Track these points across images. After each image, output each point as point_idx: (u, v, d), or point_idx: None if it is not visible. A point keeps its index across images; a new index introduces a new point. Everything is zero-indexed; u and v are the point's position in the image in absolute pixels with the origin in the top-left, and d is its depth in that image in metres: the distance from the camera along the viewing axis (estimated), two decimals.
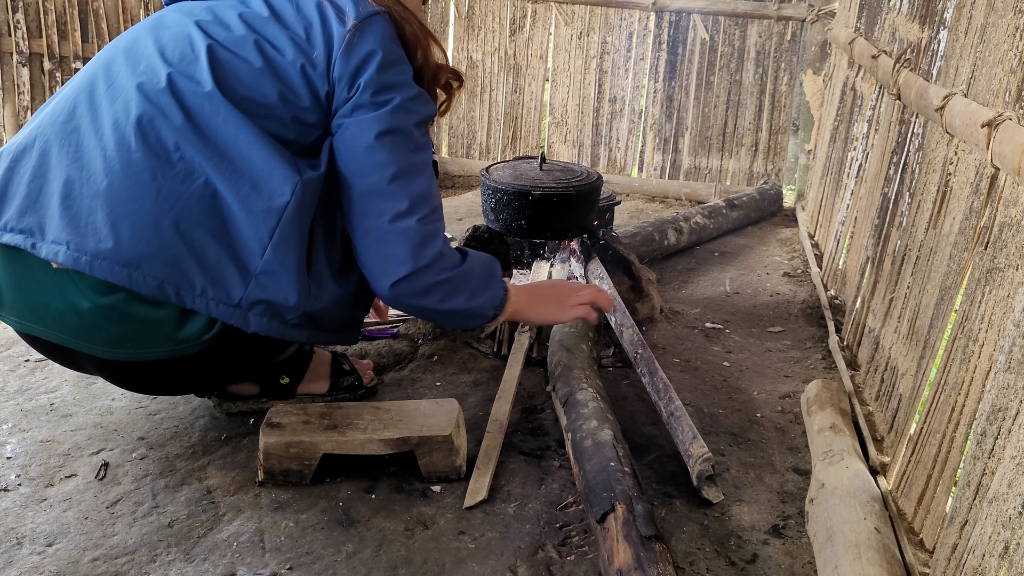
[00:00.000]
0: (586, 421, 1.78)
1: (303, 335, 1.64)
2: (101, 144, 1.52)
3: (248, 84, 1.55)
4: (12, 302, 1.59)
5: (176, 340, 1.56)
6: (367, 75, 1.57)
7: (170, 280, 1.49)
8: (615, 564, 1.39)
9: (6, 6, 3.85)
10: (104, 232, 1.48)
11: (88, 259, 1.47)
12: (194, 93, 1.52)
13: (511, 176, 2.40)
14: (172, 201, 1.49)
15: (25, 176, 1.55)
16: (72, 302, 1.52)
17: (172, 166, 1.50)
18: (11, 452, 1.78)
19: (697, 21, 3.91)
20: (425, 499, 1.69)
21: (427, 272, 1.61)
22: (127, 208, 1.49)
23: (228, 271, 1.52)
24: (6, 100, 3.95)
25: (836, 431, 1.84)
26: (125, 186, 1.49)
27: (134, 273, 1.47)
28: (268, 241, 1.52)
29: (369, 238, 1.60)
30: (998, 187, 1.45)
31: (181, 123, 1.51)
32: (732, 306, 2.79)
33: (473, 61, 4.13)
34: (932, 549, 1.50)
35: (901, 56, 2.23)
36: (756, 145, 4.01)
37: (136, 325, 1.53)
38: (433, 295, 1.64)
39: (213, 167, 1.51)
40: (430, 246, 1.61)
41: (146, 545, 1.53)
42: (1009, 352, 1.26)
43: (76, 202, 1.51)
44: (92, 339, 1.55)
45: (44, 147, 1.56)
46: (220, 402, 1.96)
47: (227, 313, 1.54)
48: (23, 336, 1.67)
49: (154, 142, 1.51)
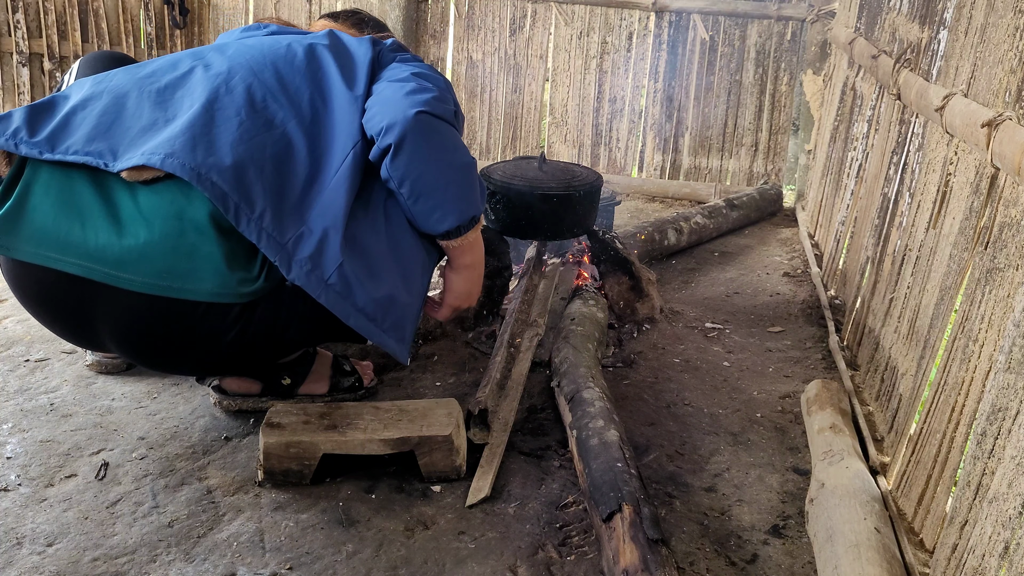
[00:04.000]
0: (592, 420, 1.78)
1: (336, 302, 1.58)
2: (190, 92, 1.66)
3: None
4: (39, 230, 1.54)
5: (218, 281, 1.54)
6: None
7: (233, 194, 1.53)
8: (621, 564, 1.39)
9: (6, 6, 3.85)
10: (180, 141, 1.56)
11: (160, 157, 1.53)
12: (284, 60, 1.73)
13: (511, 176, 2.40)
14: (250, 135, 1.61)
15: (94, 112, 1.63)
16: (120, 231, 1.53)
17: (257, 113, 1.64)
18: (11, 452, 1.78)
19: (697, 21, 3.91)
20: (425, 499, 1.69)
21: (445, 121, 1.69)
22: (207, 131, 1.59)
23: (288, 210, 1.58)
24: (6, 100, 3.95)
25: (836, 431, 1.84)
26: (208, 119, 1.60)
27: (203, 175, 1.52)
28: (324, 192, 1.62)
29: (383, 99, 1.69)
30: (998, 187, 1.45)
31: (273, 85, 1.68)
32: (732, 306, 2.79)
33: (473, 61, 4.13)
34: (932, 549, 1.50)
35: (901, 56, 2.23)
36: (756, 145, 4.01)
37: (183, 257, 1.53)
38: (450, 134, 1.69)
39: (296, 124, 1.66)
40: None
41: (146, 545, 1.53)
42: (1009, 352, 1.26)
43: (155, 132, 1.59)
44: (132, 269, 1.52)
45: (119, 95, 1.66)
46: (220, 400, 1.96)
47: (274, 248, 1.55)
48: (25, 276, 1.59)
49: (242, 92, 1.65)
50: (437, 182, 1.67)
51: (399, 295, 1.67)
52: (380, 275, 1.64)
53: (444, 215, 1.70)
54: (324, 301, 1.58)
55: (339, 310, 1.59)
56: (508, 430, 1.88)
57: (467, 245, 1.79)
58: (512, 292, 2.48)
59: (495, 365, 2.03)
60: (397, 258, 1.69)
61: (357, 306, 1.60)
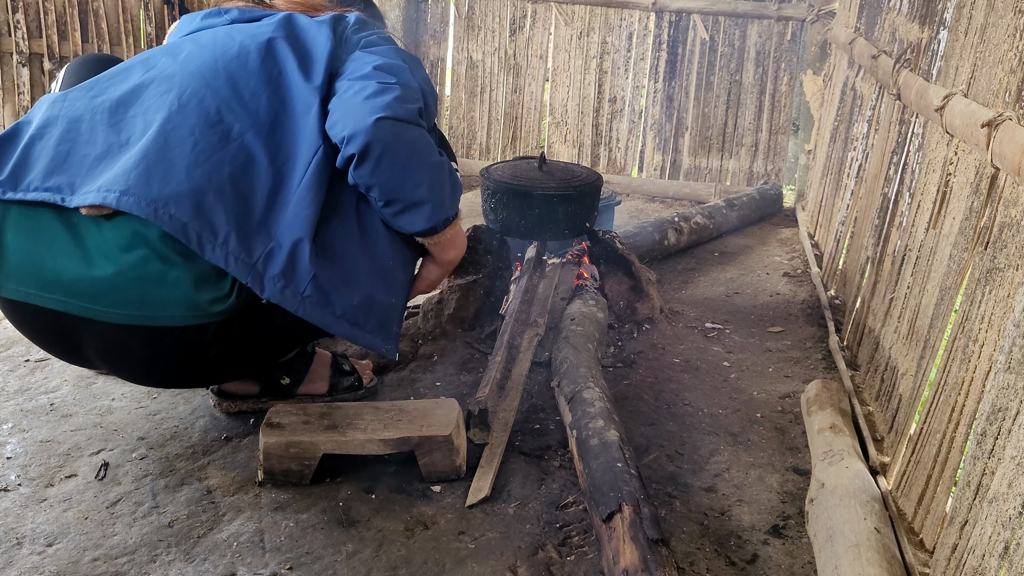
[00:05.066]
0: (592, 420, 1.78)
1: (315, 313, 1.58)
2: (143, 111, 1.62)
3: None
4: (16, 267, 1.56)
5: (189, 305, 1.54)
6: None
7: (193, 224, 1.51)
8: (621, 564, 1.39)
9: (6, 6, 3.85)
10: (135, 175, 1.53)
11: (116, 196, 1.51)
12: (239, 67, 1.66)
13: (511, 176, 2.40)
14: (207, 155, 1.57)
15: (50, 143, 1.61)
16: (89, 263, 1.53)
17: (212, 128, 1.59)
18: (11, 452, 1.78)
19: (697, 21, 3.91)
20: (425, 499, 1.69)
21: (408, 124, 1.62)
22: (161, 158, 1.55)
23: (254, 228, 1.55)
24: (6, 100, 3.95)
25: (836, 431, 1.84)
26: (162, 143, 1.57)
27: (160, 210, 1.50)
28: (288, 202, 1.58)
29: (344, 104, 1.62)
30: (998, 187, 1.45)
31: (227, 94, 1.63)
32: (732, 306, 2.79)
33: (473, 61, 4.13)
34: (932, 549, 1.50)
35: (901, 56, 2.23)
36: (756, 145, 4.02)
37: (152, 285, 1.53)
38: (415, 136, 1.63)
39: (254, 133, 1.61)
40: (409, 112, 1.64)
41: (146, 545, 1.53)
42: (1009, 352, 1.26)
43: (111, 160, 1.56)
44: (105, 301, 1.53)
45: (72, 119, 1.63)
46: (220, 401, 1.96)
47: (244, 270, 1.53)
48: (13, 310, 1.62)
49: (194, 107, 1.60)
50: (404, 186, 1.64)
51: (379, 296, 1.66)
52: (357, 279, 1.63)
53: (415, 218, 1.68)
54: (303, 314, 1.57)
55: (319, 320, 1.58)
56: (508, 430, 1.88)
57: (447, 241, 1.77)
58: (512, 292, 2.48)
59: (495, 365, 2.03)
60: (373, 258, 1.67)
61: (336, 314, 1.60)
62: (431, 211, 1.68)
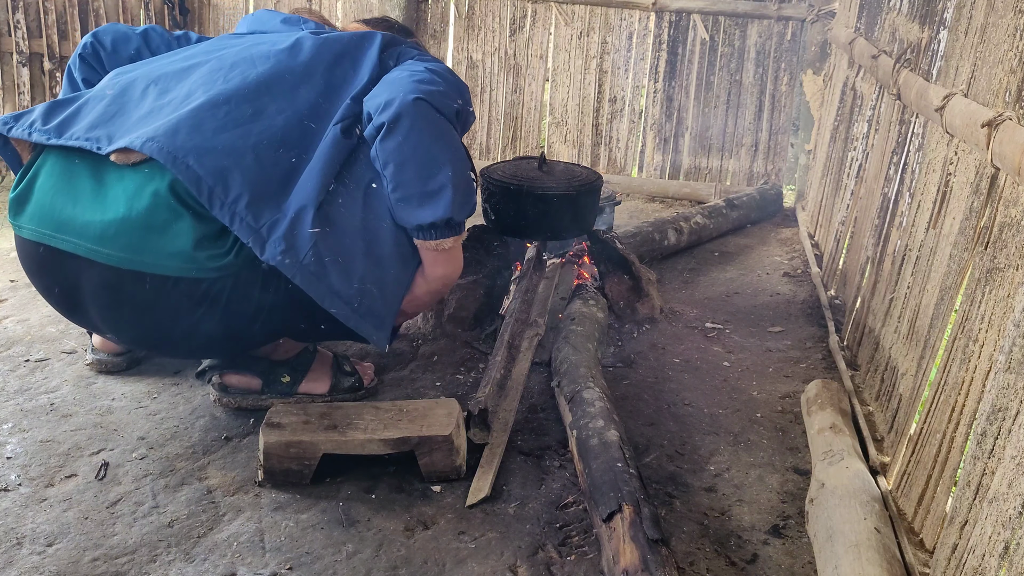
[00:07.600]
0: (592, 420, 1.78)
1: (311, 283, 1.59)
2: (193, 83, 1.72)
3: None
4: (38, 209, 1.66)
5: (186, 257, 1.58)
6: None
7: (207, 179, 1.57)
8: (621, 564, 1.40)
9: (6, 6, 3.85)
10: (164, 127, 1.61)
11: (141, 140, 1.59)
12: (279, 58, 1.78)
13: (511, 176, 2.40)
14: (236, 123, 1.65)
15: (101, 104, 1.72)
16: (103, 207, 1.61)
17: (249, 102, 1.68)
18: (11, 452, 1.78)
19: (697, 21, 3.91)
20: (425, 499, 1.69)
21: (443, 115, 1.72)
22: (193, 117, 1.63)
23: (267, 197, 1.60)
24: (6, 100, 3.95)
25: (836, 431, 1.84)
26: (198, 108, 1.65)
27: (180, 159, 1.57)
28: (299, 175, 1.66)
29: (391, 79, 1.75)
30: (998, 187, 1.45)
31: (274, 83, 1.73)
32: (732, 306, 2.79)
33: (473, 61, 4.13)
34: (932, 549, 1.50)
35: (901, 56, 2.23)
36: (756, 145, 4.01)
37: (156, 233, 1.59)
38: (444, 128, 1.71)
39: (288, 117, 1.69)
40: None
41: (146, 545, 1.53)
42: (1009, 352, 1.26)
43: (151, 119, 1.65)
44: (110, 244, 1.59)
45: (126, 86, 1.76)
46: (220, 396, 1.97)
47: (247, 231, 1.57)
48: (26, 250, 1.70)
49: (237, 85, 1.70)
50: (419, 173, 1.68)
51: (374, 281, 1.67)
52: (354, 258, 1.65)
53: (421, 210, 1.69)
54: (299, 281, 1.59)
55: (314, 291, 1.60)
56: (508, 430, 1.88)
57: (442, 255, 1.76)
58: (512, 292, 2.48)
59: (495, 365, 2.03)
60: (371, 243, 1.68)
61: (332, 288, 1.61)
62: (436, 207, 1.69)
